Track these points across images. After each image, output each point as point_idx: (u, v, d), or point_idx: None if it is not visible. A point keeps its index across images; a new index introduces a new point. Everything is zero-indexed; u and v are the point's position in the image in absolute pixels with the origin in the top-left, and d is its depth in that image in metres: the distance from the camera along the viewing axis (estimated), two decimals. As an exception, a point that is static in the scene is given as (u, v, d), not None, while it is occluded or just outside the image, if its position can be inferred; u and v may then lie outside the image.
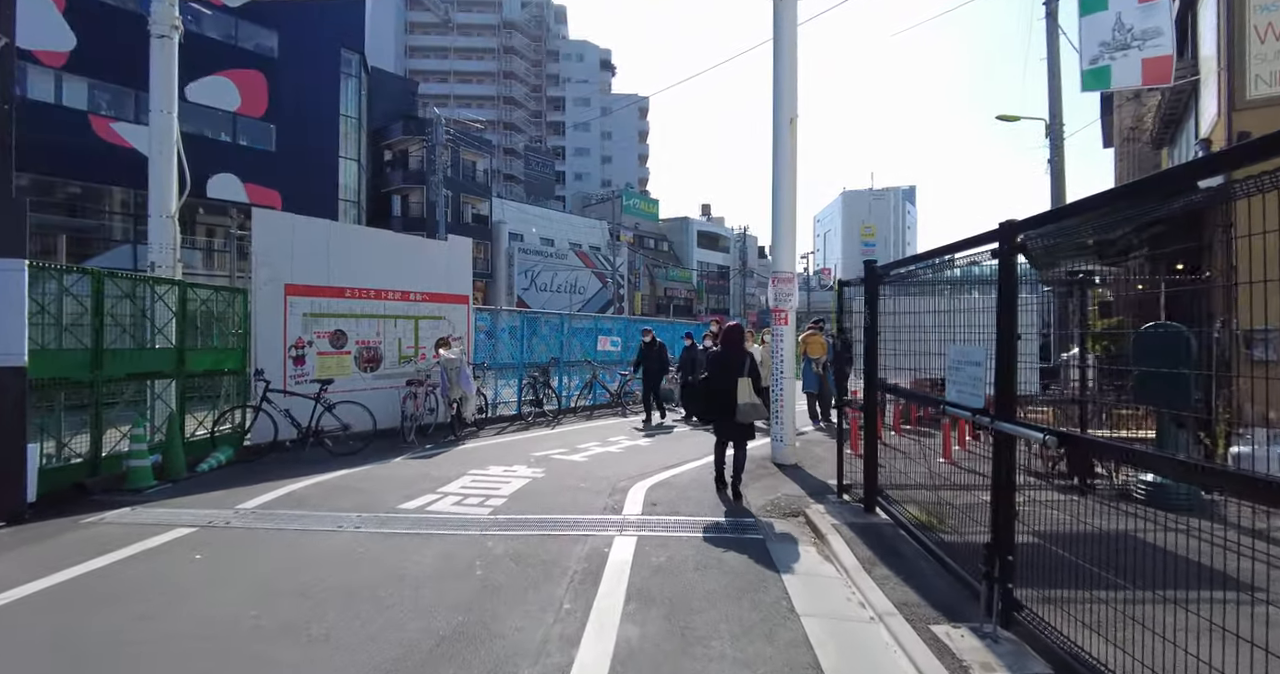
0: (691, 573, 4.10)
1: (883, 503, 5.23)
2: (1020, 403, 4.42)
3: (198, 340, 7.79)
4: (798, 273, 8.87)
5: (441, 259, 10.86)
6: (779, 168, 7.34)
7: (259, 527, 5.11)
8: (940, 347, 4.92)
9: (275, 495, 6.06)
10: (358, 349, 9.60)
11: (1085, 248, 6.33)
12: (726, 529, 5.06)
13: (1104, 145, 22.15)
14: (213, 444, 7.67)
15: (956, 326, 4.50)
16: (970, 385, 3.49)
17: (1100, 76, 7.70)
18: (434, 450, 8.44)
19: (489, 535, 4.85)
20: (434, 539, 4.80)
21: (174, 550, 4.54)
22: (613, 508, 5.64)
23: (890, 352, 5.25)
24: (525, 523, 5.16)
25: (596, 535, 4.84)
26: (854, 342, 5.89)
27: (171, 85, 8.06)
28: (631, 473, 7.01)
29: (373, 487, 6.40)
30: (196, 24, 23.81)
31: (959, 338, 4.48)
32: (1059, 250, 4.71)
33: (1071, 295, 6.27)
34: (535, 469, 7.18)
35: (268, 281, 8.55)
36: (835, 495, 5.93)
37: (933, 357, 5.00)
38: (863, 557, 4.32)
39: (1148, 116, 12.30)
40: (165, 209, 8.00)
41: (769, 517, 5.43)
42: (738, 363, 5.83)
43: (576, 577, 4.02)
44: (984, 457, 4.92)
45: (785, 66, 7.41)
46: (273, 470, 7.14)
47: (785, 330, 7.41)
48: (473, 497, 5.97)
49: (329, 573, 4.11)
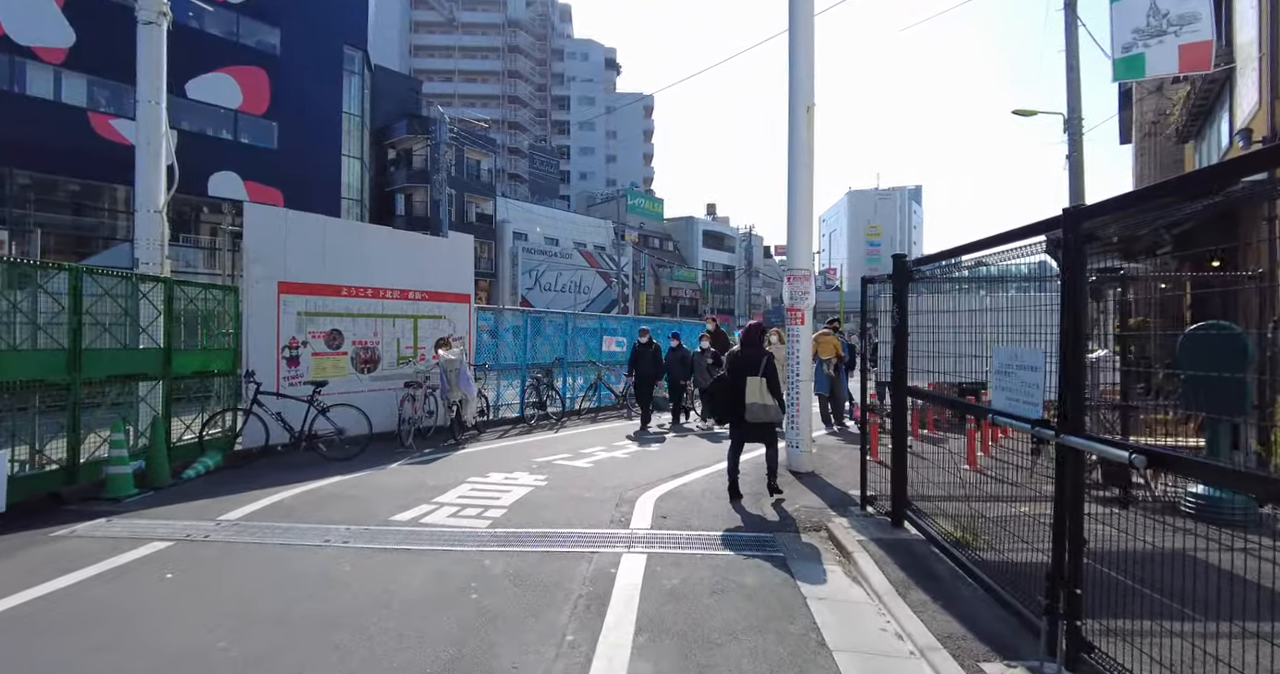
0: (708, 598, 3.72)
1: (911, 516, 4.83)
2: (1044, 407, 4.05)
3: (186, 340, 7.46)
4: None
5: (442, 256, 10.51)
6: (795, 158, 6.95)
7: (240, 541, 4.75)
8: (973, 348, 4.56)
9: (261, 505, 5.70)
10: (354, 350, 9.26)
11: (1110, 245, 6.01)
12: (744, 545, 4.68)
13: (1121, 141, 21.68)
14: (201, 449, 7.33)
15: (999, 326, 4.14)
16: (1024, 392, 3.10)
17: (1134, 65, 7.29)
18: (433, 455, 8.08)
19: (486, 552, 4.48)
20: (427, 556, 4.43)
21: (144, 568, 4.18)
22: (620, 520, 5.26)
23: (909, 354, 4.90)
24: (525, 537, 4.79)
25: (603, 552, 4.46)
26: (879, 343, 5.51)
27: (160, 74, 7.72)
28: (639, 481, 6.63)
29: (365, 495, 6.05)
30: (198, 20, 23.63)
31: (1003, 339, 4.12)
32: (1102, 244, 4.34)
33: (1101, 293, 5.88)
34: (537, 476, 6.81)
35: (260, 279, 8.22)
36: (858, 507, 5.53)
37: (960, 359, 4.63)
38: (895, 578, 3.94)
39: (1174, 109, 11.85)
40: (153, 203, 7.66)
41: (789, 530, 5.04)
42: (753, 362, 5.64)
43: (581, 602, 3.65)
44: (1017, 465, 4.57)
45: (802, 50, 7.02)
46: (262, 477, 6.79)
47: (802, 330, 7.01)
48: (470, 507, 5.60)
49: (310, 596, 3.75)
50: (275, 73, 24.85)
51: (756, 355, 5.70)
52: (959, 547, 4.33)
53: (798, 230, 7.03)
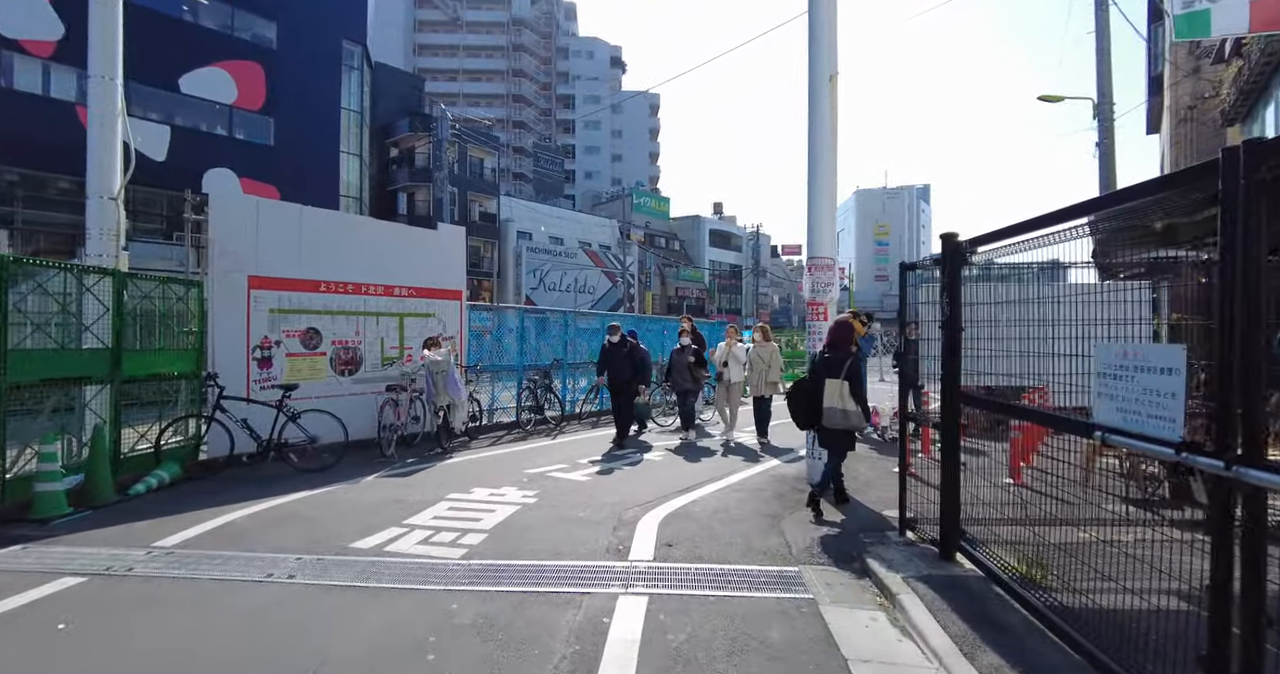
0: (723, 661, 2.95)
1: (966, 547, 4.04)
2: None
3: (141, 340, 6.75)
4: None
5: (431, 250, 9.76)
6: (816, 133, 6.17)
7: (166, 575, 4.01)
8: (1033, 345, 3.80)
9: (207, 528, 4.97)
10: (334, 350, 8.53)
11: (1149, 234, 5.21)
12: (765, 583, 3.90)
13: (1147, 131, 20.78)
14: (157, 460, 6.60)
15: (1067, 320, 3.40)
16: (1150, 404, 2.31)
17: (1197, 22, 6.48)
18: (415, 466, 7.34)
19: (455, 592, 3.72)
20: (383, 598, 3.68)
21: (37, 615, 3.44)
22: (617, 549, 4.49)
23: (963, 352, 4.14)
24: (504, 572, 4.03)
25: (595, 593, 3.69)
26: (919, 340, 4.72)
27: (114, 47, 7.04)
28: (641, 497, 5.86)
29: (329, 515, 5.31)
30: (192, 14, 23.08)
31: (1068, 334, 3.37)
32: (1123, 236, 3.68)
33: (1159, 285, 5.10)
34: (527, 492, 6.06)
35: (228, 273, 7.50)
36: (896, 532, 4.74)
37: (1009, 359, 3.86)
38: (956, 632, 3.15)
39: (1222, 88, 10.98)
40: (106, 189, 6.98)
41: (817, 563, 4.26)
42: (836, 364, 5.17)
43: (565, 665, 2.89)
44: (1068, 478, 3.77)
45: (823, 15, 6.24)
46: (221, 492, 6.07)
47: (825, 326, 6.23)
48: (446, 531, 4.84)
49: (226, 655, 3.00)
50: (271, 67, 24.25)
51: (841, 358, 5.22)
52: (1028, 586, 3.54)
53: (820, 214, 6.24)
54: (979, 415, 7.10)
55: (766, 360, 9.11)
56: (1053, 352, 3.85)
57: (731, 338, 9.63)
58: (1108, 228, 3.21)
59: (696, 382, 9.53)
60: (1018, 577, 3.66)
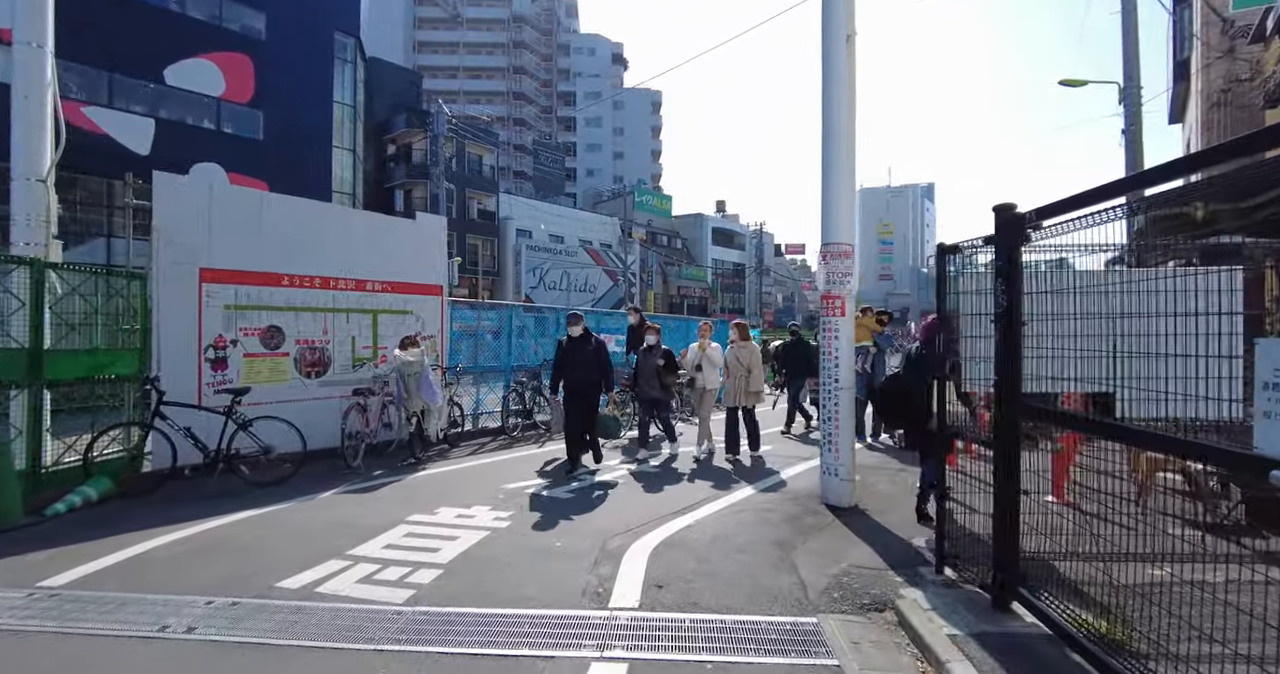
0: (724, 774, 2.17)
1: (1026, 595, 3.25)
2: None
3: (68, 339, 6.00)
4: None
5: (409, 241, 8.99)
6: (831, 99, 5.38)
7: (34, 628, 3.24)
8: (1093, 342, 3.08)
9: (116, 560, 4.21)
10: (298, 350, 7.77)
11: (1194, 222, 4.64)
12: (776, 642, 3.11)
13: (1170, 121, 19.90)
14: (87, 474, 5.85)
15: (1160, 313, 2.69)
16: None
17: (1264, -16, 5.69)
18: (381, 479, 6.57)
19: (387, 655, 2.95)
20: (296, 664, 2.91)
21: None
22: (596, 592, 3.70)
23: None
24: (452, 625, 3.25)
25: (561, 659, 2.91)
26: (962, 336, 3.93)
27: (45, 11, 6.30)
28: (629, 520, 5.08)
29: (263, 544, 4.54)
30: (179, 3, 22.39)
31: (1174, 330, 2.64)
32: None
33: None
34: (500, 513, 5.28)
35: (175, 264, 6.76)
36: (931, 568, 3.95)
37: (1078, 361, 3.10)
38: (1032, 724, 2.36)
39: (1269, 67, 10.14)
40: (34, 170, 6.23)
41: (839, 611, 3.47)
42: (933, 361, 4.36)
43: (505, 780, 2.11)
44: (1119, 495, 2.95)
45: (839, -33, 5.46)
46: (150, 513, 5.31)
47: (842, 323, 5.44)
48: (395, 566, 4.07)
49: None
50: (261, 59, 23.52)
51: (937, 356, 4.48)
52: (1112, 651, 2.76)
53: (837, 195, 5.44)
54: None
55: (746, 364, 7.65)
56: (1118, 351, 3.11)
57: (704, 338, 8.10)
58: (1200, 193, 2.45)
59: (666, 389, 8.09)
60: (1096, 637, 2.87)
